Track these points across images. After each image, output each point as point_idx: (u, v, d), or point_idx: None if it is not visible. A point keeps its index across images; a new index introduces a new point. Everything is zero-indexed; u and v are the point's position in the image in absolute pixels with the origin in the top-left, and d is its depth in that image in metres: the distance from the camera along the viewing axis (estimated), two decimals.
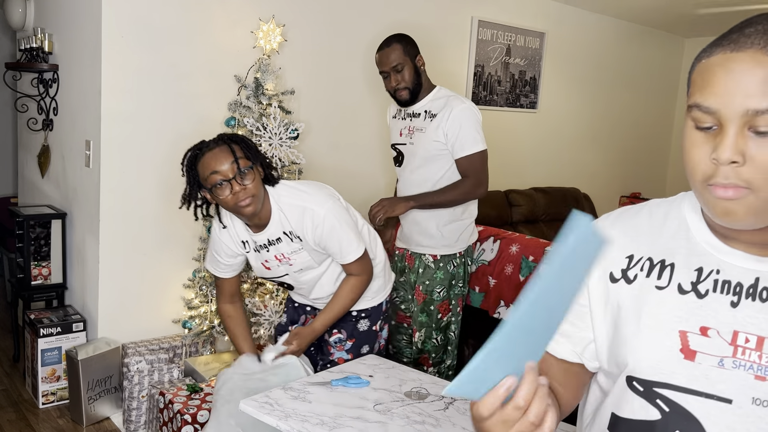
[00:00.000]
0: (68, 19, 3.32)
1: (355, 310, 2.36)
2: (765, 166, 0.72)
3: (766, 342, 0.78)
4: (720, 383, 0.80)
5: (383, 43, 2.70)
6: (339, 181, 3.81)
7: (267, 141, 3.15)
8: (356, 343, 2.39)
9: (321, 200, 2.14)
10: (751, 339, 0.78)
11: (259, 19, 3.34)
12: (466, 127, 2.60)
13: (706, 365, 0.80)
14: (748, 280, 0.80)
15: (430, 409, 1.92)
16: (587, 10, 5.29)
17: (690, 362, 0.81)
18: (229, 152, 2.02)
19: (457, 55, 4.50)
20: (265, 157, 2.16)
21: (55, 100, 3.47)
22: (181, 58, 3.18)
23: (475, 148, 2.62)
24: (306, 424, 1.78)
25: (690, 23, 5.62)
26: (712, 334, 0.80)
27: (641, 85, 6.04)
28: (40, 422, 3.10)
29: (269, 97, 3.23)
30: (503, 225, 4.60)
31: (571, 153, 5.55)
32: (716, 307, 0.81)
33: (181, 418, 2.63)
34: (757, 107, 0.72)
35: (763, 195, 0.73)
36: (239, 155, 2.03)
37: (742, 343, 0.79)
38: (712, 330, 0.80)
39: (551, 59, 5.13)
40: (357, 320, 2.38)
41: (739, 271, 0.81)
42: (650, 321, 0.85)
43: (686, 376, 0.81)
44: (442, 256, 2.75)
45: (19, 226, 3.35)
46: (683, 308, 0.83)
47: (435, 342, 2.80)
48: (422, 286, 2.77)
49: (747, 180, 0.73)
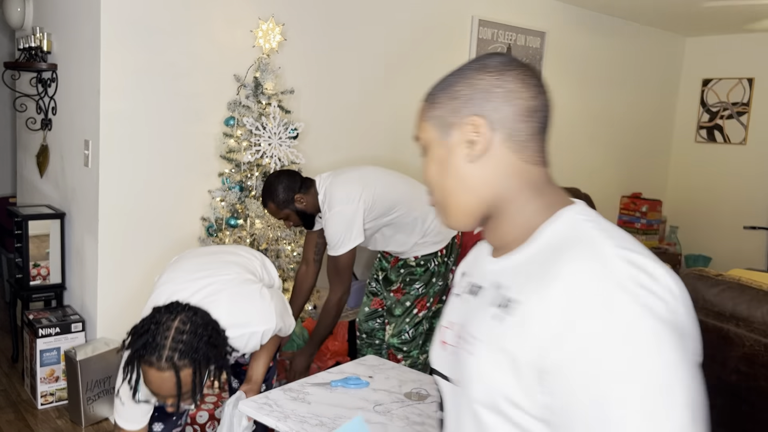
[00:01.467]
0: (67, 19, 3.32)
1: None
2: (427, 179, 0.96)
3: (461, 326, 0.95)
4: (446, 365, 0.99)
5: (261, 202, 2.85)
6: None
7: (266, 140, 3.14)
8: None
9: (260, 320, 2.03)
10: (456, 326, 0.98)
11: (259, 19, 3.33)
12: (329, 230, 2.71)
13: (446, 352, 1.00)
14: (481, 280, 0.96)
15: (430, 410, 1.91)
16: (587, 9, 5.28)
17: (441, 350, 1.02)
18: (173, 384, 1.72)
19: (457, 55, 4.48)
20: (219, 360, 1.82)
21: (53, 99, 3.47)
22: (180, 57, 3.17)
23: (335, 252, 2.72)
24: (305, 425, 1.77)
25: (691, 21, 5.61)
26: (450, 326, 1.01)
27: (641, 84, 6.03)
28: (38, 423, 3.09)
29: (268, 97, 3.22)
30: None
31: (571, 153, 5.54)
32: (459, 305, 1.01)
33: None
34: (415, 134, 0.98)
35: (436, 198, 0.96)
36: (184, 390, 1.73)
37: (452, 330, 1.00)
38: (451, 324, 1.01)
39: (551, 59, 5.12)
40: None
41: (479, 273, 0.98)
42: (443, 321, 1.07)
43: (437, 361, 1.03)
44: (423, 256, 2.84)
45: (17, 226, 3.35)
46: (448, 308, 1.05)
47: (406, 336, 2.86)
48: (403, 283, 2.85)
49: (428, 190, 0.97)
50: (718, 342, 2.27)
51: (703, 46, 6.28)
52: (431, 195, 0.97)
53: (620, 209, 6.08)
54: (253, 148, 3.15)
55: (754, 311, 2.21)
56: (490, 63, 0.91)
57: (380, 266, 3.00)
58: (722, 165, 6.19)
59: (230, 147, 3.18)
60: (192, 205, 3.28)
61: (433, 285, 2.86)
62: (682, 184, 6.47)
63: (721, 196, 6.19)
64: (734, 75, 6.07)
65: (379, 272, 3.00)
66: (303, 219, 2.80)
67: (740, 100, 6.04)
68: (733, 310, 2.27)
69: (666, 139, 6.50)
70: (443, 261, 2.87)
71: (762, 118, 5.93)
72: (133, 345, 1.75)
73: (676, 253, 5.86)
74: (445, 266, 2.89)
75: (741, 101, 6.03)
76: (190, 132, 3.24)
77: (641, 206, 5.91)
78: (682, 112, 6.47)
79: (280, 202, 2.72)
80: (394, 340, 2.84)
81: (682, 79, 6.46)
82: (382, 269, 2.98)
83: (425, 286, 2.84)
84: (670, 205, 6.50)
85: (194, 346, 1.73)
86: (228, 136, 3.20)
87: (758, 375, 2.18)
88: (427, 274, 2.84)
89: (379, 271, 3.01)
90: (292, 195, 2.73)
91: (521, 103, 0.90)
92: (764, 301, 2.21)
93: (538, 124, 0.91)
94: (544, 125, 0.93)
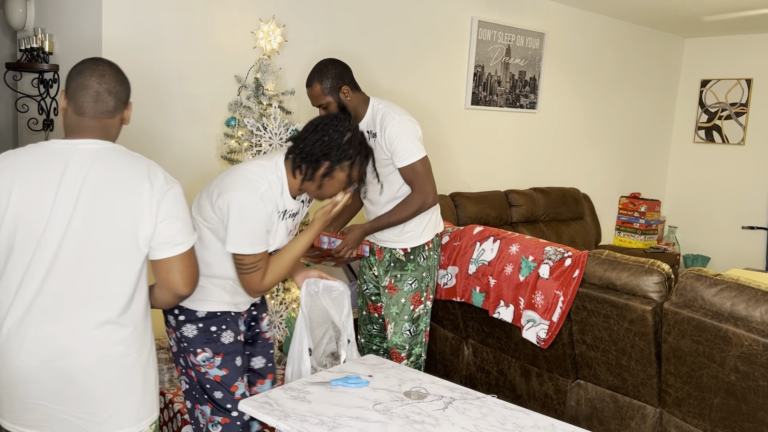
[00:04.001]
0: (69, 20, 3.33)
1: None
2: None
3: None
4: None
5: (307, 81, 2.75)
6: None
7: (267, 141, 3.15)
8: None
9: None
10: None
11: (260, 20, 3.34)
12: (401, 139, 2.67)
13: None
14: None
15: (429, 409, 1.92)
16: (587, 10, 5.30)
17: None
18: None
19: (457, 56, 4.50)
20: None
21: (55, 100, 3.48)
22: (181, 58, 3.19)
23: (414, 158, 2.68)
24: (305, 424, 1.78)
25: (690, 24, 5.63)
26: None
27: (641, 85, 6.04)
28: None
29: (269, 98, 3.23)
30: (503, 225, 4.61)
31: (571, 153, 5.55)
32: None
33: (181, 418, 2.64)
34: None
35: None
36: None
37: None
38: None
39: (551, 59, 5.14)
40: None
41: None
42: None
43: None
44: (413, 249, 2.82)
45: None
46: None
47: (408, 334, 2.86)
48: (393, 279, 2.83)
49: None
50: (716, 341, 2.28)
51: (701, 46, 6.29)
52: None
53: (619, 209, 6.09)
54: (254, 148, 3.16)
55: (753, 311, 2.22)
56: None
57: (367, 264, 2.97)
58: (721, 165, 6.20)
59: (231, 147, 3.19)
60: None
61: (424, 279, 2.86)
62: (680, 184, 6.49)
63: (719, 197, 6.21)
64: (733, 76, 6.09)
65: (367, 270, 2.97)
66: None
67: (739, 101, 6.05)
68: (731, 309, 2.28)
69: (665, 140, 6.51)
70: (430, 254, 2.87)
71: (760, 118, 5.94)
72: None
73: (675, 253, 5.88)
74: (432, 260, 2.88)
75: (739, 102, 6.05)
76: (192, 133, 3.26)
77: (640, 206, 5.92)
78: (680, 112, 6.49)
79: (327, 87, 2.69)
80: (396, 338, 2.85)
81: (680, 79, 6.47)
82: (369, 266, 2.95)
83: (417, 281, 2.84)
84: (669, 205, 6.51)
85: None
86: (229, 137, 3.21)
87: (757, 374, 2.19)
88: (418, 269, 2.83)
89: (366, 270, 2.98)
90: (341, 84, 2.71)
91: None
92: (762, 301, 2.22)
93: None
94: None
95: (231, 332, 2.14)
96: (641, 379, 2.55)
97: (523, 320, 2.81)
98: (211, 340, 2.10)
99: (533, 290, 2.77)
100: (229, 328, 2.14)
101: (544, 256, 2.80)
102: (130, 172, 1.71)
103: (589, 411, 2.77)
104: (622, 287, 2.57)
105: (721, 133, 6.20)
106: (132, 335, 1.71)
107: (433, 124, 4.34)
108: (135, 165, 1.73)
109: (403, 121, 2.69)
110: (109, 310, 1.67)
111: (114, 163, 1.71)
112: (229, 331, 2.13)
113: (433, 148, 4.45)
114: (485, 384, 3.16)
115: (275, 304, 3.19)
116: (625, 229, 6.03)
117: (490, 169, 4.93)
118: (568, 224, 5.20)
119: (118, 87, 1.76)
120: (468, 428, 1.82)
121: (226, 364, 2.11)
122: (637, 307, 2.48)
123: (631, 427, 2.63)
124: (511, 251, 2.90)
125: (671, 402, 2.49)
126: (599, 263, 2.68)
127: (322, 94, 2.69)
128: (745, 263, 5.76)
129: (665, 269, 2.55)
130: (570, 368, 2.80)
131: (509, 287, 2.86)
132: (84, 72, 1.76)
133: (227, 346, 2.13)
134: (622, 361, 2.59)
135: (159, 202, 1.70)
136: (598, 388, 2.74)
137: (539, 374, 2.93)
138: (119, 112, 1.79)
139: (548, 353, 2.82)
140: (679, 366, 2.42)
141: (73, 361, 1.64)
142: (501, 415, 1.91)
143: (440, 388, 2.08)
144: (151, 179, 1.71)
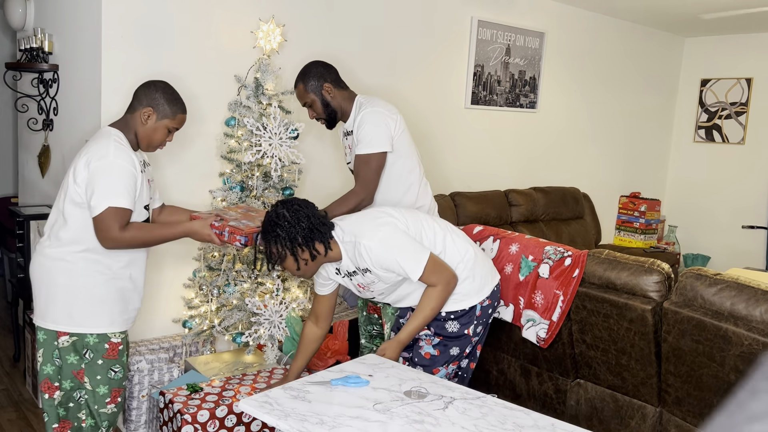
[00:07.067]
0: (68, 20, 3.33)
1: (444, 311, 2.44)
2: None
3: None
4: None
5: (294, 82, 2.85)
6: (339, 181, 3.82)
7: (267, 141, 3.15)
8: (443, 341, 2.46)
9: (370, 233, 2.26)
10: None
11: (259, 19, 3.34)
12: (367, 127, 2.69)
13: None
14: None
15: (429, 409, 1.92)
16: (587, 9, 5.30)
17: None
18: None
19: (456, 55, 4.50)
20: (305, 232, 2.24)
21: (55, 100, 3.48)
22: (181, 58, 3.19)
23: (372, 149, 2.68)
24: (306, 424, 1.78)
25: (690, 23, 5.62)
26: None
27: (641, 84, 6.04)
28: (40, 422, 3.10)
29: (269, 97, 3.23)
30: (503, 224, 4.61)
31: (571, 153, 5.55)
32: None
33: (181, 418, 2.63)
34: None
35: None
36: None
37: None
38: None
39: (551, 59, 5.13)
40: (445, 320, 2.45)
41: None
42: None
43: None
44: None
45: (19, 225, 3.36)
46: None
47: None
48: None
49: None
50: (716, 341, 2.28)
51: (701, 46, 6.29)
52: None
53: (619, 209, 6.09)
54: (253, 148, 3.16)
55: (753, 310, 2.22)
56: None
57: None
58: (721, 165, 6.20)
59: (231, 147, 3.19)
60: (193, 204, 3.29)
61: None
62: (680, 183, 6.49)
63: (719, 196, 6.21)
64: (733, 75, 6.09)
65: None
66: (326, 111, 2.80)
67: (739, 100, 6.05)
68: (731, 309, 2.28)
69: (665, 139, 6.51)
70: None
71: (760, 117, 5.94)
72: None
73: (675, 252, 5.88)
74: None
75: (739, 101, 6.05)
76: (191, 132, 3.26)
77: (640, 205, 5.92)
78: (680, 111, 6.49)
79: (308, 85, 2.76)
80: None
81: (680, 79, 6.47)
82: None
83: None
84: (669, 205, 6.51)
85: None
86: (229, 137, 3.21)
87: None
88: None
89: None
90: (323, 82, 2.77)
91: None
92: (762, 300, 2.22)
93: None
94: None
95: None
96: (641, 378, 2.56)
97: (523, 320, 2.81)
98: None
99: (533, 290, 2.77)
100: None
101: (544, 256, 2.80)
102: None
103: (589, 410, 2.77)
104: (622, 287, 2.57)
105: (721, 132, 6.20)
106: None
107: (433, 123, 4.35)
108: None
109: (376, 111, 2.70)
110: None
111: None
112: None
113: (433, 147, 4.46)
114: (485, 383, 3.16)
115: (275, 303, 3.18)
116: (625, 228, 6.03)
117: (490, 168, 4.93)
118: (568, 224, 5.21)
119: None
120: (468, 428, 1.82)
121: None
122: (637, 306, 2.48)
123: (631, 426, 2.63)
124: (511, 251, 2.90)
125: (671, 401, 2.49)
126: (599, 263, 2.68)
127: (306, 92, 2.78)
128: (745, 262, 5.76)
129: (665, 269, 2.55)
130: (570, 368, 2.80)
131: (509, 287, 2.86)
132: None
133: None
134: (622, 360, 2.59)
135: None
136: (598, 387, 2.74)
137: (539, 374, 2.93)
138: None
139: (548, 353, 2.82)
140: (679, 365, 2.42)
141: None
142: (501, 415, 1.91)
143: (440, 387, 2.08)
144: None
